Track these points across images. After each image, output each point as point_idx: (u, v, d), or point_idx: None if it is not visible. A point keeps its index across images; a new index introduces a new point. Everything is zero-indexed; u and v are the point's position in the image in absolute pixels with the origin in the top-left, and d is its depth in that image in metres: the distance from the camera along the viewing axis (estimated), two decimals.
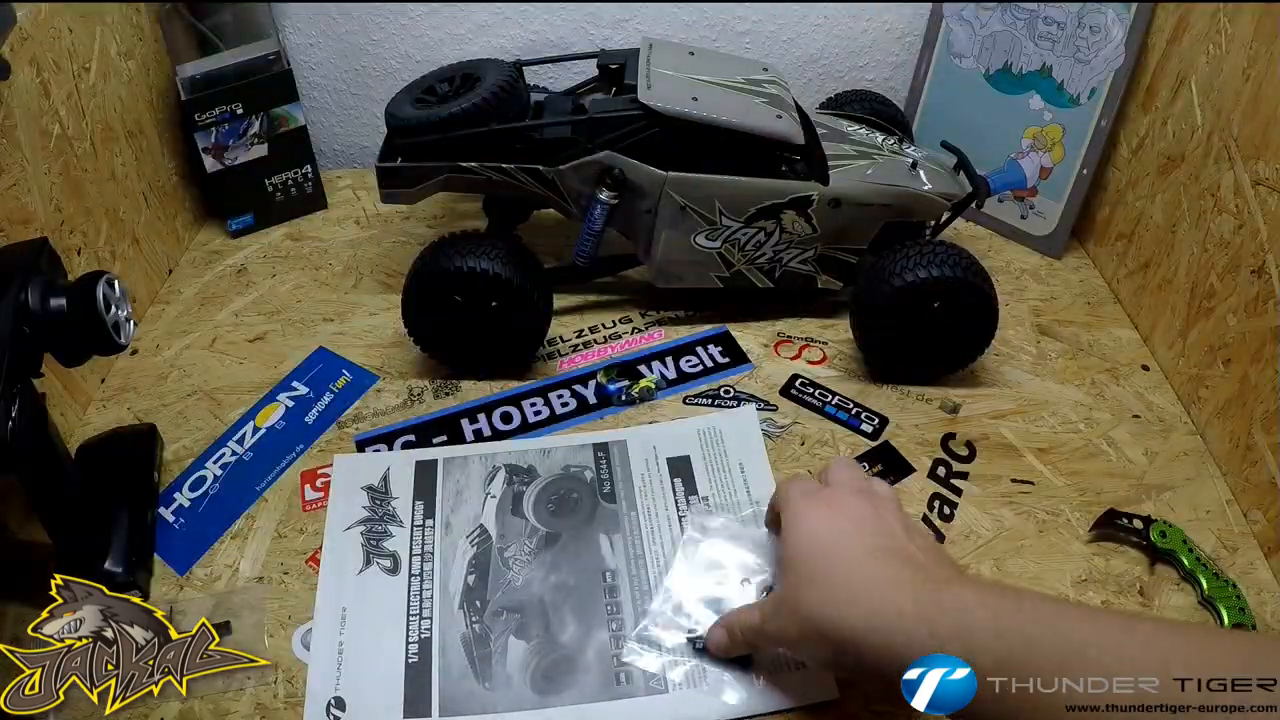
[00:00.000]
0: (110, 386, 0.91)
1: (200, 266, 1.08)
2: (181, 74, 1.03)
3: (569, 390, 0.90)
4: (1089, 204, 1.06)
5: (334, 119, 1.24)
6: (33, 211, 0.81)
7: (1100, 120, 1.00)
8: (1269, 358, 0.75)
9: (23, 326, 0.60)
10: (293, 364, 0.93)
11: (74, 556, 0.69)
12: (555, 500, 0.78)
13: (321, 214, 1.16)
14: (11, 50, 0.77)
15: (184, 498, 0.80)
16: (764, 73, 0.95)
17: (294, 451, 0.84)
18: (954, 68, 1.11)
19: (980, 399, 0.89)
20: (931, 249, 0.84)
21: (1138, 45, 0.95)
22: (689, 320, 0.99)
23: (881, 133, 0.98)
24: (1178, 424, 0.86)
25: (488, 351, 0.89)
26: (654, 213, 0.89)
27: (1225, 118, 0.83)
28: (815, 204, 0.88)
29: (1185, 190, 0.89)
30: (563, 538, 0.74)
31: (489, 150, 0.87)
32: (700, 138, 0.86)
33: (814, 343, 0.96)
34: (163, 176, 1.05)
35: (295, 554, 0.75)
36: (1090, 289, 1.03)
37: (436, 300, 0.85)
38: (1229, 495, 0.79)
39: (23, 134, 0.79)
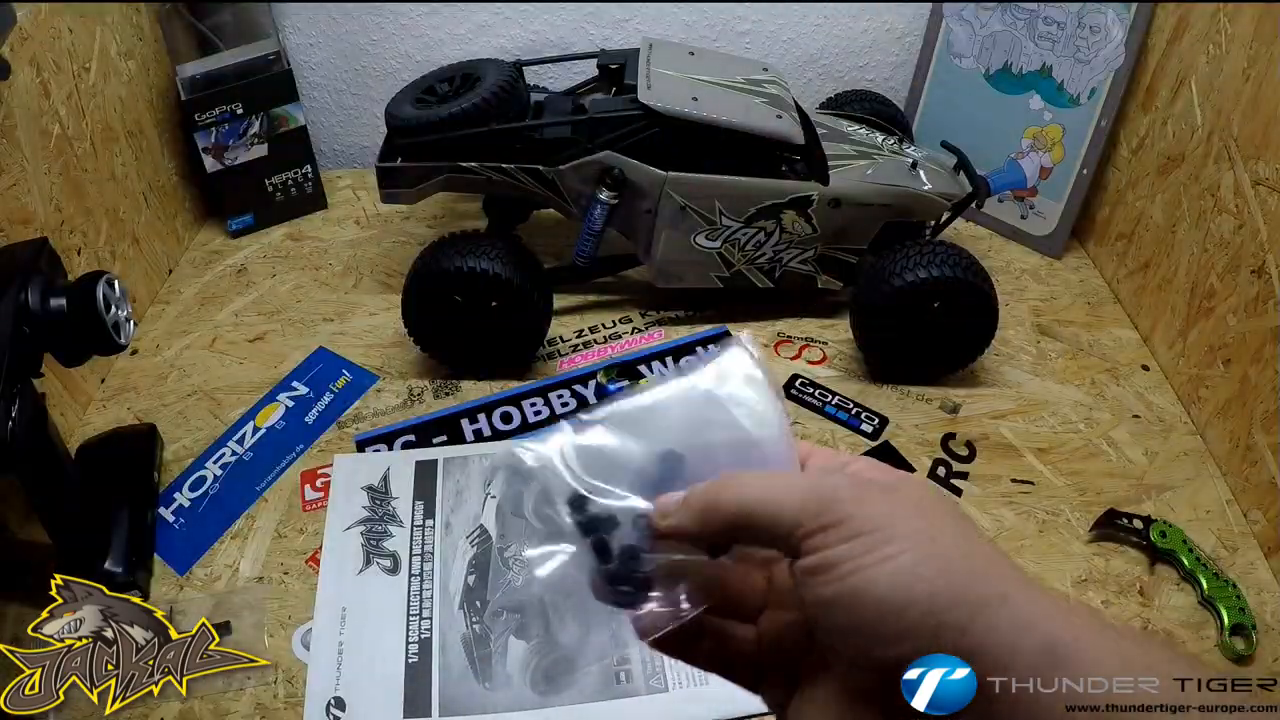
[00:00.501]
0: (110, 386, 0.91)
1: (200, 266, 1.08)
2: (181, 74, 1.03)
3: (569, 390, 0.90)
4: (1089, 204, 1.06)
5: (334, 119, 1.24)
6: (33, 211, 0.81)
7: (1100, 120, 1.00)
8: (1269, 358, 0.75)
9: (23, 326, 0.60)
10: (293, 364, 0.93)
11: (74, 556, 0.69)
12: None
13: (321, 214, 1.16)
14: (11, 50, 0.77)
15: (184, 498, 0.80)
16: (764, 73, 0.95)
17: (294, 451, 0.84)
18: (954, 68, 1.11)
19: (980, 399, 0.89)
20: (931, 249, 0.84)
21: (1138, 45, 0.95)
22: (689, 320, 0.99)
23: (881, 133, 0.98)
24: (1178, 424, 0.86)
25: (488, 351, 0.89)
26: (654, 213, 0.89)
27: (1225, 118, 0.83)
28: (815, 204, 0.88)
29: (1185, 190, 0.89)
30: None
31: (489, 150, 0.87)
32: (700, 138, 0.86)
33: (814, 343, 0.95)
34: (163, 176, 1.05)
35: (295, 554, 0.75)
36: (1090, 289, 1.03)
37: (436, 300, 0.85)
38: (1229, 495, 0.79)
39: (23, 134, 0.79)
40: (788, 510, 0.32)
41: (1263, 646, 0.68)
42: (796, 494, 0.33)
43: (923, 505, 0.32)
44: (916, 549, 0.30)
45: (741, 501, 0.34)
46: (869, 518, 0.31)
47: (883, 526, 0.31)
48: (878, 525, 0.31)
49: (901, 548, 0.30)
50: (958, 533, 0.32)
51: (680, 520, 0.35)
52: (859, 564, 0.30)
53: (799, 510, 0.32)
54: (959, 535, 0.31)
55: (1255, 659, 0.67)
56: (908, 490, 0.33)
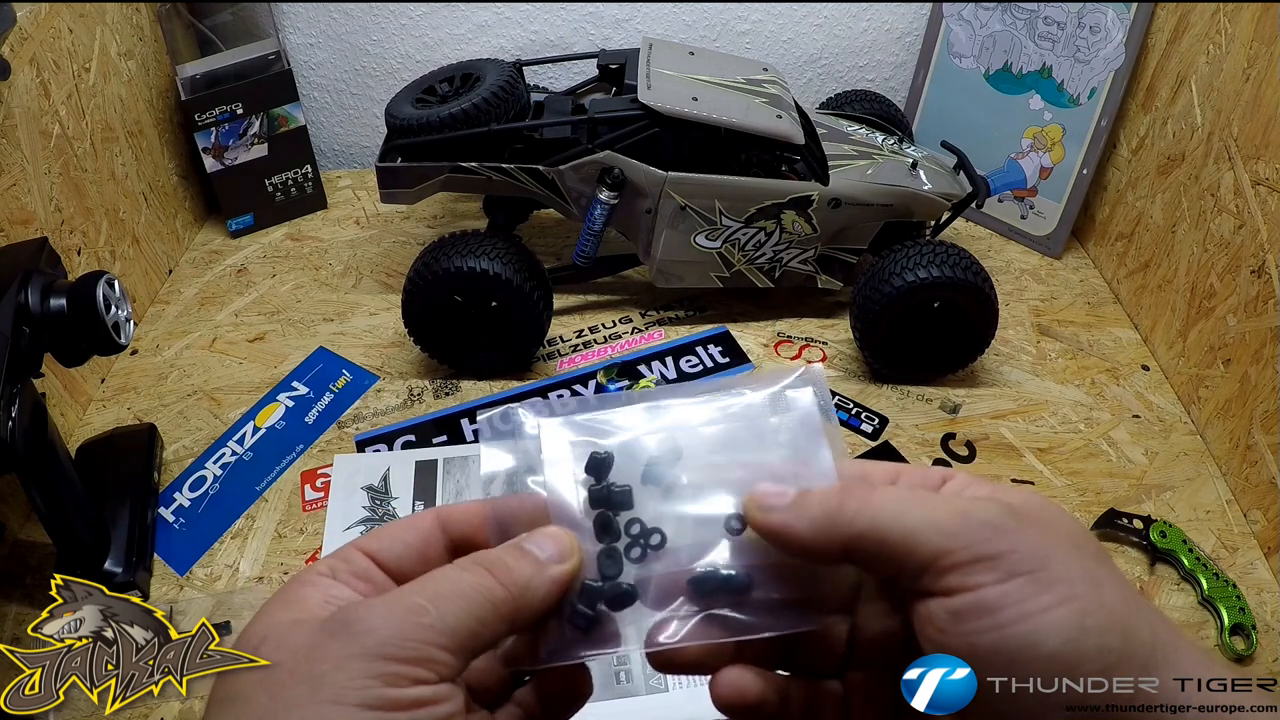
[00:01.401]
0: (110, 386, 0.91)
1: (200, 266, 1.08)
2: (181, 74, 1.03)
3: (569, 390, 0.90)
4: (1089, 204, 1.06)
5: (334, 119, 1.24)
6: (33, 211, 0.81)
7: (1100, 120, 1.00)
8: (1269, 358, 0.75)
9: (23, 326, 0.60)
10: (293, 364, 0.93)
11: (74, 556, 0.69)
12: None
13: (321, 214, 1.16)
14: (11, 50, 0.77)
15: (184, 498, 0.80)
16: (764, 73, 0.95)
17: (294, 451, 0.84)
18: (954, 68, 1.11)
19: (980, 399, 0.89)
20: (931, 249, 0.84)
21: (1138, 45, 0.95)
22: (689, 320, 0.99)
23: (881, 133, 0.98)
24: (1178, 424, 0.86)
25: (488, 352, 0.89)
26: (654, 213, 0.88)
27: (1225, 118, 0.82)
28: (815, 204, 0.88)
29: (1185, 190, 0.89)
30: None
31: (489, 150, 0.87)
32: (700, 138, 0.86)
33: (814, 343, 0.95)
34: (163, 176, 1.05)
35: (295, 554, 0.75)
36: (1090, 289, 1.03)
37: (436, 300, 0.85)
38: (1229, 495, 0.79)
39: (23, 134, 0.79)
40: (931, 536, 0.27)
41: (1263, 646, 0.68)
42: (942, 517, 0.28)
43: (1077, 540, 0.29)
44: (1085, 596, 0.27)
45: (875, 516, 0.28)
46: (1030, 555, 0.27)
47: (1045, 566, 0.27)
48: (1039, 564, 0.27)
49: (1066, 594, 0.27)
50: (1112, 573, 0.28)
51: (789, 521, 0.29)
52: (1023, 611, 0.26)
53: (947, 537, 0.27)
54: (1114, 576, 0.28)
55: (1255, 659, 0.67)
56: (1057, 521, 0.29)
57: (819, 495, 0.29)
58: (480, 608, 0.28)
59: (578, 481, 0.32)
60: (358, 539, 0.31)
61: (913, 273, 0.83)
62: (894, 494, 0.29)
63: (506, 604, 0.29)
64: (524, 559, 0.30)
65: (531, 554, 0.30)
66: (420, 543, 0.31)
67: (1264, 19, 0.78)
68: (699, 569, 0.31)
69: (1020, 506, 0.29)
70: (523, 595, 0.29)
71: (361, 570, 0.30)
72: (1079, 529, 0.29)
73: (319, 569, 0.30)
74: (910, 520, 0.28)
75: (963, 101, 1.11)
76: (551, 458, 0.33)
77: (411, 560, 0.31)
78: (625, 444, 0.33)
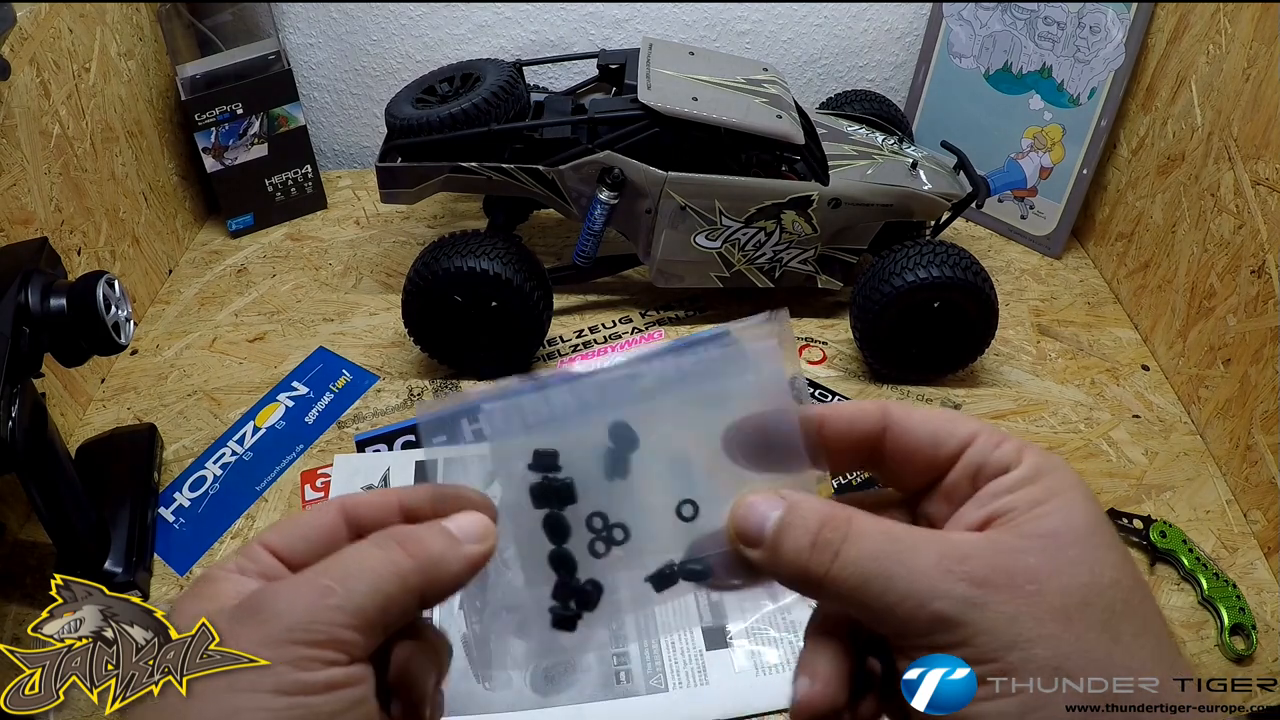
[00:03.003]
0: (110, 386, 0.91)
1: (200, 266, 1.08)
2: (181, 74, 1.03)
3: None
4: (1089, 204, 1.06)
5: (334, 119, 1.24)
6: (33, 211, 0.81)
7: (1100, 120, 1.00)
8: (1269, 358, 0.75)
9: (23, 326, 0.60)
10: (293, 364, 0.93)
11: (74, 556, 0.69)
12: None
13: (321, 214, 1.16)
14: (11, 50, 0.77)
15: (184, 498, 0.80)
16: (764, 73, 0.95)
17: (294, 451, 0.84)
18: (954, 68, 1.11)
19: (980, 399, 0.89)
20: (931, 249, 0.84)
21: (1138, 45, 0.95)
22: (689, 320, 0.99)
23: (881, 133, 0.98)
24: (1178, 424, 0.86)
25: (488, 351, 0.89)
26: (654, 213, 0.88)
27: (1225, 118, 0.82)
28: (815, 204, 0.88)
29: (1185, 190, 0.89)
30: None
31: (489, 150, 0.87)
32: (700, 138, 0.86)
33: (814, 343, 0.95)
34: (163, 176, 1.05)
35: None
36: (1090, 289, 1.03)
37: (436, 300, 0.85)
38: (1229, 495, 0.79)
39: (23, 134, 0.79)
40: (904, 607, 0.26)
41: (1262, 646, 0.68)
42: (923, 587, 0.26)
43: (1072, 594, 0.26)
44: (1035, 694, 0.25)
45: (848, 575, 0.27)
46: (993, 636, 0.26)
47: (1003, 655, 0.26)
48: (1001, 649, 0.26)
49: (1019, 687, 0.26)
50: (1116, 640, 0.26)
51: (763, 562, 0.29)
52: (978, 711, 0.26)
53: (915, 610, 0.26)
54: (1115, 644, 0.26)
55: (1255, 659, 0.67)
56: (1058, 563, 0.26)
57: (810, 527, 0.28)
58: (388, 583, 0.28)
59: (523, 478, 0.32)
60: (262, 533, 0.31)
61: (913, 273, 0.83)
62: (874, 545, 0.28)
63: (415, 576, 0.29)
64: (440, 535, 0.30)
65: (448, 531, 0.31)
66: (323, 537, 0.31)
67: (1264, 19, 0.78)
68: (657, 567, 0.31)
69: (1020, 555, 0.27)
70: (434, 569, 0.29)
71: (267, 567, 0.30)
72: (1094, 559, 0.27)
73: (226, 566, 0.30)
74: (879, 587, 0.27)
75: (963, 101, 1.11)
76: (496, 458, 0.33)
77: (315, 555, 0.30)
78: (575, 436, 0.32)
